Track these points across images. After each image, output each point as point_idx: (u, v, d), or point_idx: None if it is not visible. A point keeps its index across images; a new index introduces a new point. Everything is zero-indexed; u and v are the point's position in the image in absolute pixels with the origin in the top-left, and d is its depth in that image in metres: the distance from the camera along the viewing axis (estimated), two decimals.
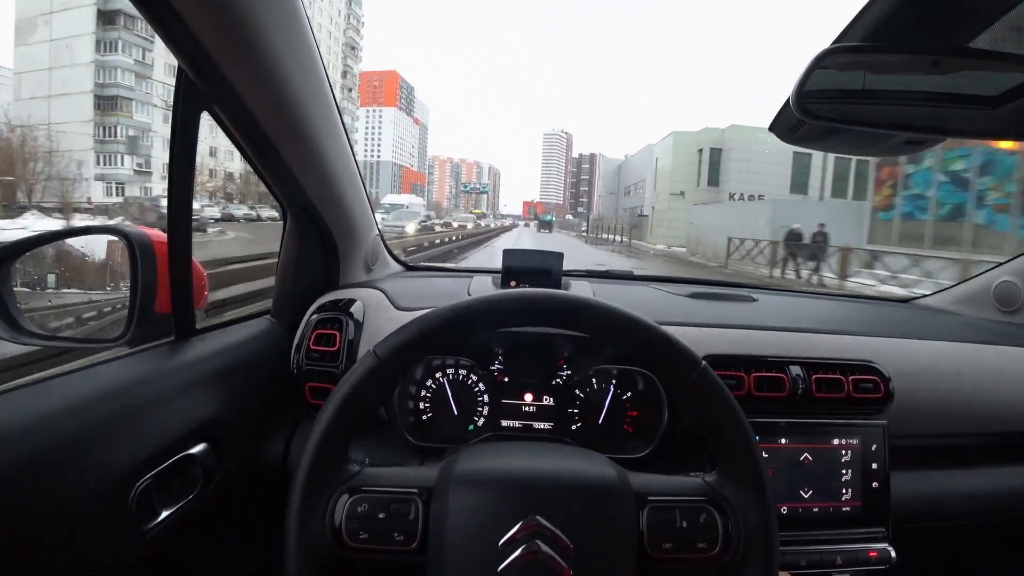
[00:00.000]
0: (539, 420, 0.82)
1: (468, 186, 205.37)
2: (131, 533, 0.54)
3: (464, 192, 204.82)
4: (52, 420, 0.49)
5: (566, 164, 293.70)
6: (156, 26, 0.52)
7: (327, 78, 0.72)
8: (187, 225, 0.67)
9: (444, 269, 1.26)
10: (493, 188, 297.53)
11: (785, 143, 0.75)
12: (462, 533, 0.46)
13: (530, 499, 0.46)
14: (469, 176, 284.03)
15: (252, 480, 0.75)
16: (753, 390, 0.77)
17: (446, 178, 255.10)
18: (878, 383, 0.79)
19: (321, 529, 0.47)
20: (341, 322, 0.82)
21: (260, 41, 0.56)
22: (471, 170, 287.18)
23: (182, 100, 0.61)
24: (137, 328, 0.67)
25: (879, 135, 0.71)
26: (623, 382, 0.82)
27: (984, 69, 0.60)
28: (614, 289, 1.05)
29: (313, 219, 0.85)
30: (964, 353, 0.88)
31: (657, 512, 0.48)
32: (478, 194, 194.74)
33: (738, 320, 0.88)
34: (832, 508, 0.76)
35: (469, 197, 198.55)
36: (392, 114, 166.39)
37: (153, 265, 0.68)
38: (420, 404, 0.82)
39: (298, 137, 0.70)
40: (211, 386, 0.69)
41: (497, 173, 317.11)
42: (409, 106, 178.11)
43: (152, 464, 0.57)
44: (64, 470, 0.48)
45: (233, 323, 0.82)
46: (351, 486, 0.48)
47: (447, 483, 0.48)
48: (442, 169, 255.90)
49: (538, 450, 0.55)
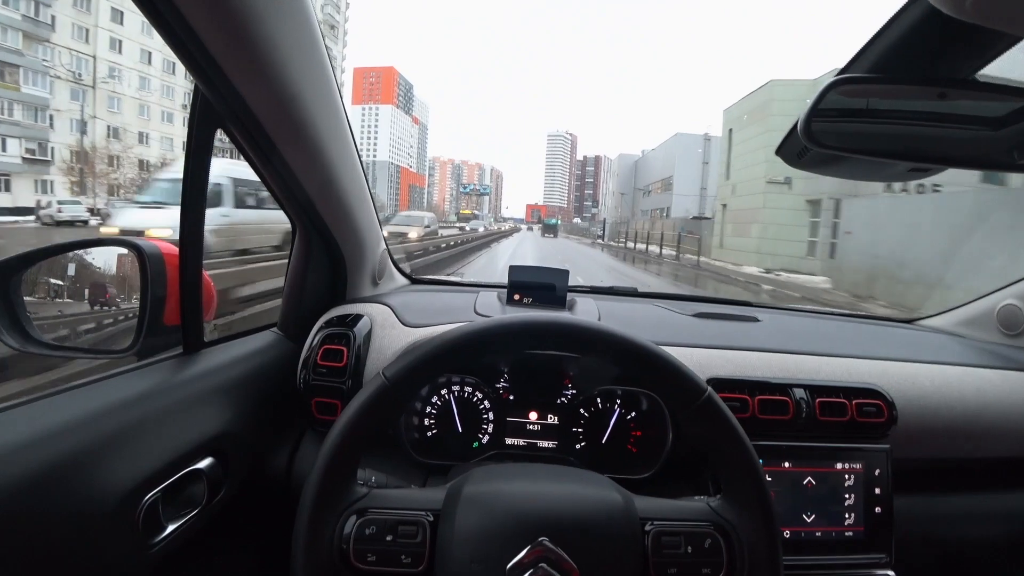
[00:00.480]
0: (543, 439, 0.82)
1: (468, 187, 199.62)
2: (137, 548, 0.54)
3: (464, 193, 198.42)
4: (60, 434, 0.50)
5: (570, 166, 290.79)
6: (173, 44, 0.53)
7: (339, 95, 0.73)
8: (199, 238, 0.68)
9: (449, 283, 1.26)
10: (495, 190, 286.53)
11: (793, 168, 0.75)
12: (469, 556, 0.46)
13: (537, 523, 0.47)
14: (471, 178, 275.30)
15: (256, 494, 0.75)
16: (757, 413, 0.77)
17: (447, 180, 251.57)
18: (882, 407, 0.79)
19: (329, 550, 0.47)
20: (348, 338, 0.82)
21: (276, 60, 0.57)
22: (472, 172, 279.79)
23: (197, 118, 0.62)
24: (146, 340, 0.68)
25: (884, 163, 0.71)
26: (628, 402, 0.83)
27: (988, 100, 0.61)
28: (619, 307, 1.06)
29: (322, 233, 0.86)
30: (968, 377, 0.88)
31: (662, 537, 0.49)
32: (479, 196, 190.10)
33: (742, 341, 0.88)
34: (835, 533, 0.76)
35: (469, 199, 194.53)
36: (389, 112, 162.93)
37: (163, 277, 0.69)
38: (425, 421, 0.82)
39: (310, 153, 0.71)
40: (218, 400, 0.69)
41: (499, 175, 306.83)
42: (408, 104, 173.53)
43: (160, 479, 0.57)
44: (71, 485, 0.49)
45: (240, 336, 0.83)
46: (359, 507, 0.49)
47: (454, 506, 0.49)
48: (443, 171, 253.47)
49: (545, 473, 0.56)
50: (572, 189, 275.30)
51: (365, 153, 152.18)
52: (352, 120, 0.81)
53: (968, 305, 1.18)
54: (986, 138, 0.64)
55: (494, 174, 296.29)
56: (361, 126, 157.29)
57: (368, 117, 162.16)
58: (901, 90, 0.61)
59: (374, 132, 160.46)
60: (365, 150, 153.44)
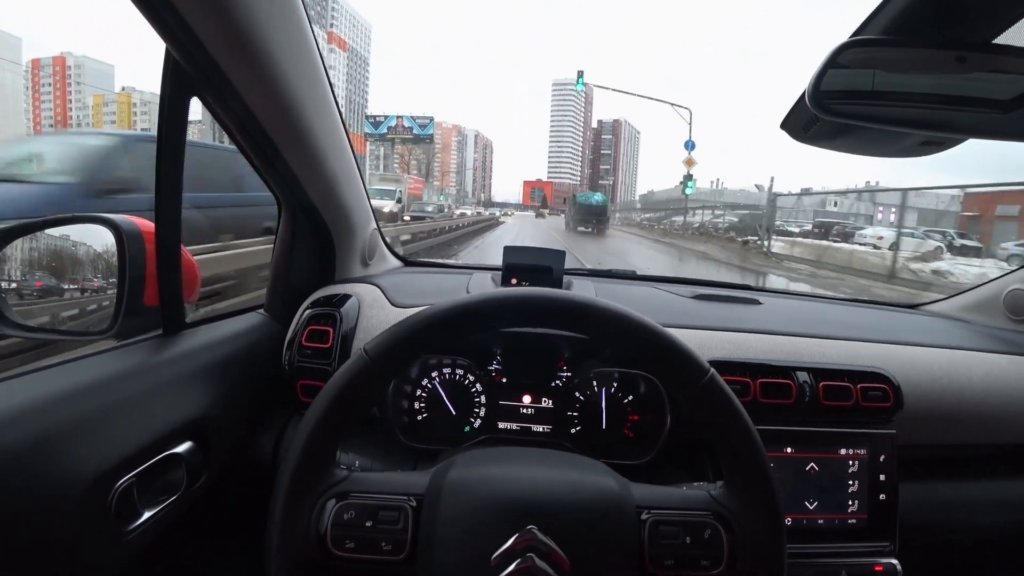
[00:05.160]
0: (537, 423, 0.80)
1: (381, 126, 51.08)
2: (110, 535, 0.52)
3: (379, 139, 52.91)
4: (27, 415, 0.47)
5: (584, 129, 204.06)
6: (143, 8, 0.50)
7: (321, 59, 0.70)
8: (176, 215, 0.65)
9: (444, 265, 1.23)
10: (483, 165, 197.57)
11: (798, 142, 0.72)
12: (453, 544, 0.44)
13: (526, 510, 0.44)
14: (447, 149, 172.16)
15: (239, 481, 0.72)
16: (759, 396, 0.75)
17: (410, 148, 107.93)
18: (887, 391, 0.77)
19: (305, 536, 0.45)
20: (335, 318, 0.80)
21: (253, 26, 0.54)
22: (448, 136, 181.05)
23: (169, 85, 0.59)
24: (124, 321, 0.65)
25: (895, 135, 0.68)
26: (624, 385, 0.80)
27: (1010, 67, 0.57)
28: (617, 289, 1.03)
29: (309, 212, 0.83)
30: (975, 362, 0.86)
31: (659, 527, 0.46)
32: (412, 143, 55.58)
33: (744, 324, 0.85)
34: (837, 520, 0.74)
35: (389, 151, 61.88)
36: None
37: (142, 256, 0.66)
38: (415, 404, 0.80)
39: (294, 127, 0.68)
40: (199, 382, 0.66)
41: (488, 145, 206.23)
42: (323, 16, 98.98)
43: (134, 463, 0.54)
44: (38, 468, 0.46)
45: (224, 317, 0.80)
46: (338, 491, 0.46)
47: (438, 491, 0.46)
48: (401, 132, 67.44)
49: (535, 457, 0.53)
50: (586, 161, 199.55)
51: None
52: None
53: (973, 290, 1.16)
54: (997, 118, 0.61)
55: (480, 142, 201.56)
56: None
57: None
58: (917, 54, 0.58)
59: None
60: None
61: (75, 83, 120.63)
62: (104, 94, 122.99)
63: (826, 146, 0.74)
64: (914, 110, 0.61)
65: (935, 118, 0.60)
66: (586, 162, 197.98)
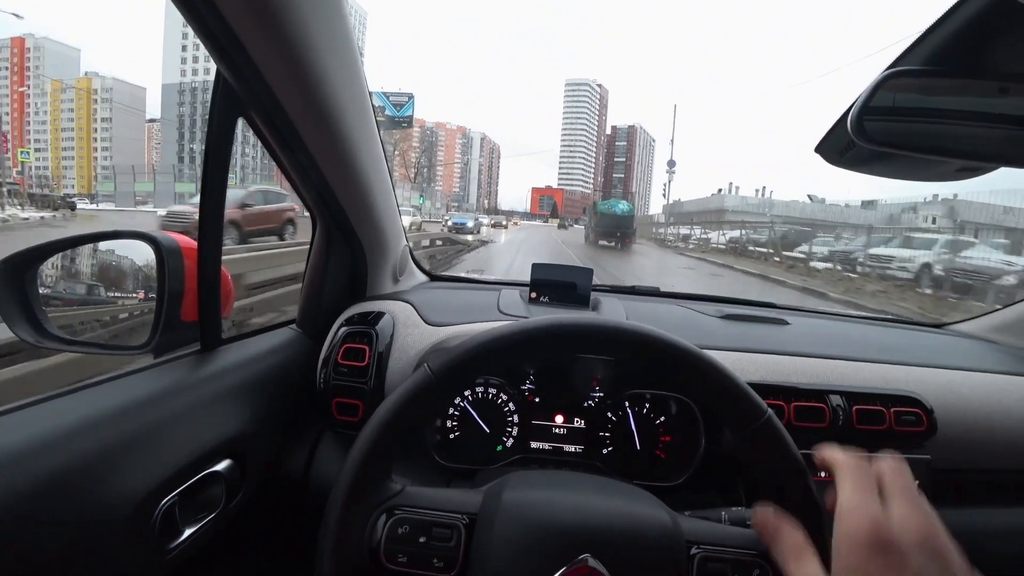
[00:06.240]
0: (569, 443, 0.79)
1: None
2: (154, 554, 0.52)
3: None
4: (74, 435, 0.48)
5: (599, 133, 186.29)
6: (197, 28, 0.51)
7: (364, 80, 0.71)
8: (218, 232, 0.65)
9: (469, 280, 1.24)
10: (487, 169, 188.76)
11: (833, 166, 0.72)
12: (506, 566, 0.44)
13: (581, 538, 0.44)
14: (450, 151, 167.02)
15: (273, 495, 0.72)
16: (793, 420, 0.74)
17: (411, 150, 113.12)
18: (921, 416, 0.76)
19: (359, 547, 0.45)
20: (370, 336, 0.80)
21: (302, 47, 0.55)
22: (452, 138, 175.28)
23: (219, 105, 0.60)
24: (162, 336, 0.65)
25: (933, 161, 0.68)
26: (656, 406, 0.80)
27: None
28: (644, 307, 1.03)
29: (344, 228, 0.84)
30: (1010, 386, 0.85)
31: (708, 563, 0.46)
32: (390, 128, 29.45)
33: (774, 345, 0.85)
34: None
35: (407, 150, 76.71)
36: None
37: (181, 272, 0.67)
38: (447, 422, 0.80)
39: (334, 146, 0.69)
40: (236, 399, 0.67)
41: (494, 148, 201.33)
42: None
43: (177, 482, 0.55)
44: (86, 489, 0.47)
45: (258, 333, 0.80)
46: (392, 505, 0.46)
47: (493, 511, 0.46)
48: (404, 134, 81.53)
49: (590, 485, 0.53)
50: (600, 169, 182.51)
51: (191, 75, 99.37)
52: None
53: (1001, 311, 1.14)
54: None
55: (487, 146, 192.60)
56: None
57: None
58: (959, 84, 0.58)
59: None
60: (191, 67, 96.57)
61: (34, 68, 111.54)
62: (62, 80, 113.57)
63: (862, 170, 0.74)
64: (955, 139, 0.61)
65: (977, 147, 0.60)
66: (600, 169, 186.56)
